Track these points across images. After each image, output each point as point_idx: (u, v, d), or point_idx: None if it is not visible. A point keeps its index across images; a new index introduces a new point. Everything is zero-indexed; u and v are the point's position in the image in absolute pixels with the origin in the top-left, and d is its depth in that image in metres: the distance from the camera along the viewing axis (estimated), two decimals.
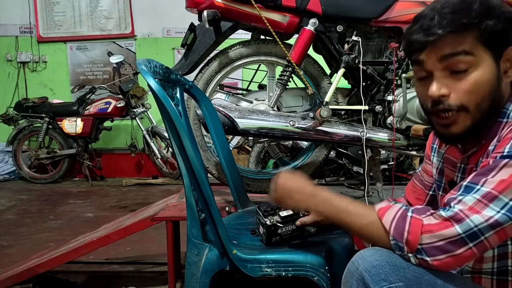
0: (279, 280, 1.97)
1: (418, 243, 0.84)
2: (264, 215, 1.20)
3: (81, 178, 5.21)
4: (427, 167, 1.17)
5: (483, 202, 0.81)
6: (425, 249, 0.83)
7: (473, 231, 0.81)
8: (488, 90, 0.88)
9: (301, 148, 2.91)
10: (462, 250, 0.82)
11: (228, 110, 1.72)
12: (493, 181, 0.82)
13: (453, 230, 0.82)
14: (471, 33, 0.86)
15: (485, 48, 0.87)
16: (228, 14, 1.76)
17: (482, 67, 0.87)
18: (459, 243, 0.82)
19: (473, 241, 0.82)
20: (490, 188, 0.81)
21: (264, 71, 2.05)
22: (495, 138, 0.89)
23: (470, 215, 0.82)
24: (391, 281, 0.83)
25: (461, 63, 0.87)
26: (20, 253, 2.63)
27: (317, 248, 1.15)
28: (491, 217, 0.80)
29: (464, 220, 0.82)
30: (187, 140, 1.09)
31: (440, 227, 0.83)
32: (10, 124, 5.06)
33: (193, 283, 1.21)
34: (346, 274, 0.89)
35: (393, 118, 1.80)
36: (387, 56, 1.85)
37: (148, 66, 1.14)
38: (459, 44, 0.87)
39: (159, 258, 2.46)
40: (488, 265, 0.94)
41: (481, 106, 0.88)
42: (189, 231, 1.25)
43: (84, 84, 5.24)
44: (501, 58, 0.89)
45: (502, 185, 0.81)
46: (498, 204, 0.80)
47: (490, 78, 0.88)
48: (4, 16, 5.48)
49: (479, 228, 0.81)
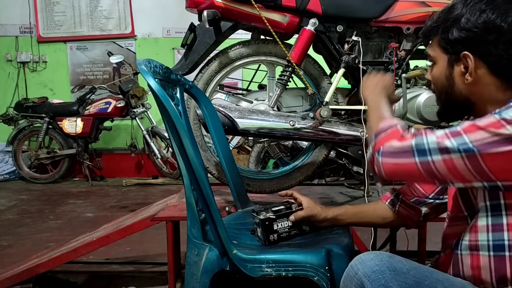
0: (279, 280, 1.97)
1: (383, 145, 0.97)
2: (257, 213, 1.24)
3: (81, 178, 5.21)
4: None
5: (448, 135, 0.88)
6: (383, 151, 0.96)
7: (423, 148, 0.89)
8: (440, 86, 1.03)
9: (301, 148, 2.92)
10: (407, 161, 0.91)
11: (228, 110, 1.72)
12: (466, 124, 0.87)
13: (409, 142, 0.92)
14: (436, 35, 1.01)
15: (442, 49, 1.01)
16: (228, 14, 1.76)
17: (438, 65, 1.03)
18: (408, 153, 0.91)
19: (420, 156, 0.89)
20: (460, 128, 0.87)
21: (264, 71, 2.05)
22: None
23: (429, 134, 0.90)
24: (391, 287, 0.83)
25: (430, 59, 1.06)
26: (20, 253, 2.63)
27: (317, 248, 1.15)
28: (443, 142, 0.87)
29: (421, 137, 0.91)
30: (187, 140, 1.09)
31: (404, 138, 0.95)
32: (10, 124, 5.06)
33: (193, 283, 1.21)
34: (345, 279, 0.89)
35: None
36: (387, 56, 1.84)
37: (148, 66, 1.14)
38: (430, 44, 1.05)
39: (159, 258, 2.46)
40: (483, 235, 0.93)
41: (440, 97, 1.06)
42: (189, 231, 1.25)
43: (84, 84, 5.24)
44: (457, 62, 0.99)
45: (471, 128, 0.85)
46: (458, 140, 0.86)
47: (440, 77, 1.02)
48: (4, 16, 5.47)
49: (429, 147, 0.88)
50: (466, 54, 0.96)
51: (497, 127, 0.83)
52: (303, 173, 1.96)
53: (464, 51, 0.96)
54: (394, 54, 1.79)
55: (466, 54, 0.96)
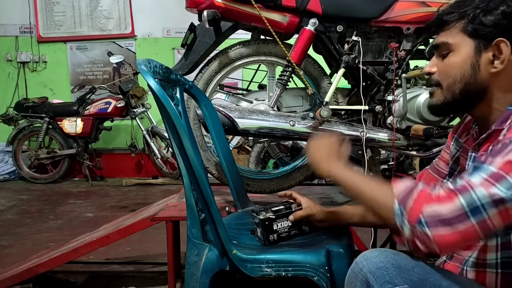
0: (279, 280, 1.97)
1: (421, 212, 0.81)
2: (257, 213, 1.24)
3: (81, 178, 5.21)
4: (444, 155, 1.18)
5: (490, 181, 0.79)
6: (427, 220, 0.80)
7: (476, 205, 0.79)
8: (459, 75, 0.97)
9: (301, 148, 2.91)
10: (465, 226, 0.79)
11: (228, 110, 1.72)
12: (501, 162, 0.80)
13: (457, 202, 0.80)
14: (458, 22, 0.96)
15: (467, 36, 0.95)
16: (228, 14, 1.76)
17: (458, 53, 0.97)
18: (462, 217, 0.79)
19: (475, 216, 0.79)
20: (497, 168, 0.80)
21: (264, 71, 2.05)
22: (506, 127, 0.90)
23: (475, 188, 0.80)
24: (395, 283, 0.83)
25: (444, 48, 0.99)
26: (20, 253, 2.63)
27: (317, 248, 1.15)
28: (495, 194, 0.78)
29: (469, 192, 0.80)
30: (187, 140, 1.08)
31: (445, 198, 0.81)
32: (10, 124, 5.06)
33: (193, 283, 1.21)
34: (349, 275, 0.89)
35: (393, 118, 1.80)
36: (387, 56, 1.84)
37: (148, 66, 1.14)
38: (445, 32, 0.99)
39: (159, 258, 2.46)
40: (492, 255, 0.93)
41: (452, 87, 0.99)
42: (189, 231, 1.25)
43: (84, 84, 5.24)
44: (486, 49, 0.94)
45: (510, 166, 0.79)
46: (504, 184, 0.78)
47: (461, 65, 0.96)
48: (4, 16, 5.47)
49: (482, 203, 0.79)
50: (501, 40, 0.92)
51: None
52: (303, 173, 1.96)
53: (499, 37, 0.92)
54: (394, 54, 1.79)
55: (501, 41, 0.92)
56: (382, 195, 0.90)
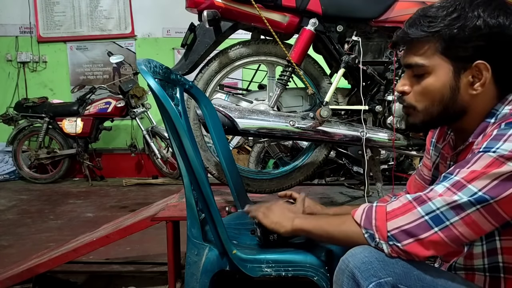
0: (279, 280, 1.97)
1: (387, 229, 0.86)
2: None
3: (81, 178, 5.21)
4: (426, 161, 1.18)
5: (452, 190, 0.83)
6: (394, 235, 0.85)
7: (435, 214, 0.83)
8: (438, 97, 0.93)
9: (301, 148, 2.91)
10: (428, 234, 0.83)
11: (228, 110, 1.72)
12: (464, 172, 0.83)
13: (415, 212, 0.84)
14: (431, 42, 0.90)
15: (445, 58, 0.90)
16: (228, 14, 1.76)
17: (436, 75, 0.92)
18: (423, 226, 0.83)
19: (437, 224, 0.82)
20: (460, 177, 0.83)
21: (264, 71, 2.05)
22: (480, 137, 0.90)
23: (433, 198, 0.83)
24: (380, 276, 0.84)
25: (419, 70, 0.94)
26: (20, 253, 2.63)
27: (317, 248, 1.15)
28: (454, 201, 0.82)
29: (426, 202, 0.84)
30: (187, 140, 1.09)
31: (402, 210, 0.86)
32: (10, 124, 5.05)
33: (193, 283, 1.21)
34: (337, 272, 0.90)
35: (393, 118, 1.80)
36: (387, 56, 1.85)
37: (148, 66, 1.14)
38: (418, 52, 0.92)
39: (159, 258, 2.46)
40: (478, 261, 0.94)
41: (429, 110, 0.95)
42: (189, 231, 1.25)
43: (84, 84, 5.24)
44: (466, 71, 0.90)
45: (472, 175, 0.82)
46: (465, 192, 0.81)
47: (441, 88, 0.92)
48: (4, 16, 5.47)
49: (441, 211, 0.82)
50: (481, 63, 0.88)
51: (498, 166, 0.80)
52: (303, 173, 1.96)
53: (478, 60, 0.88)
54: (394, 54, 1.79)
55: (481, 64, 0.88)
56: (348, 227, 0.93)
